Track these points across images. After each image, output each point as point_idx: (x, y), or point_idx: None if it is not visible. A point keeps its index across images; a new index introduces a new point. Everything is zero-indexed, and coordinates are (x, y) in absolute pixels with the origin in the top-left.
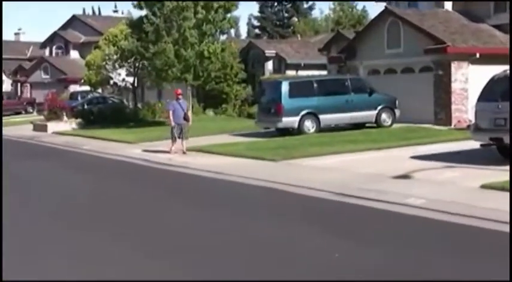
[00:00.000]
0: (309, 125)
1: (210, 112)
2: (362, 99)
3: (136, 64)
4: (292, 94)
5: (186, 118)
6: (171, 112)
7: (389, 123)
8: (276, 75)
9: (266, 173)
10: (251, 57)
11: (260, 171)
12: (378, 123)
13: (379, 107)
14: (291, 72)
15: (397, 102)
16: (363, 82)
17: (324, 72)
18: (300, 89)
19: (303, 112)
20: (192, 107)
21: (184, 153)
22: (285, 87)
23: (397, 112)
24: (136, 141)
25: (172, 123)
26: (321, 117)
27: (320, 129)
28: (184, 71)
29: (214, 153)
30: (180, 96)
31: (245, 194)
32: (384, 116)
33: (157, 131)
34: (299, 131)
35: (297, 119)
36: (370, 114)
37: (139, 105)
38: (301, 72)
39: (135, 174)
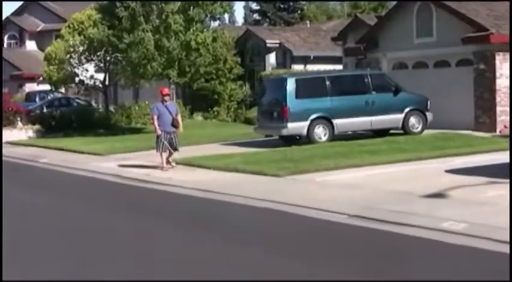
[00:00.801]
0: (321, 132)
1: (198, 116)
2: (386, 100)
3: (108, 58)
4: (299, 94)
5: (174, 124)
6: (155, 117)
7: (420, 129)
8: (280, 71)
9: (268, 191)
10: (249, 48)
11: (261, 189)
12: (405, 130)
13: (407, 110)
14: (298, 67)
15: (428, 103)
16: (386, 79)
17: (339, 67)
18: (309, 87)
19: (313, 116)
20: None
21: (168, 167)
22: (290, 85)
23: (429, 116)
24: (107, 153)
25: (159, 132)
26: (335, 122)
27: (334, 137)
28: (167, 65)
29: (203, 167)
30: (166, 98)
31: (242, 217)
32: (412, 120)
33: (134, 140)
34: (308, 139)
35: (305, 124)
36: (395, 119)
37: (111, 108)
38: (311, 67)
39: (105, 194)
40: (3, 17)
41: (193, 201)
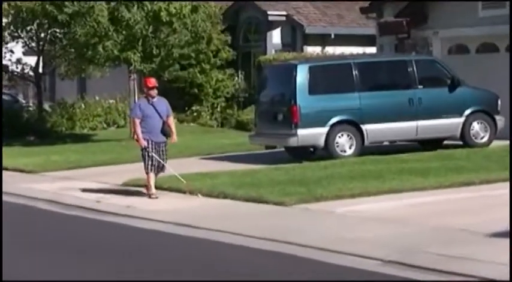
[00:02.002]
0: (345, 143)
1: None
2: (438, 98)
3: (42, 34)
4: (314, 88)
5: (165, 131)
6: (137, 121)
7: (486, 139)
8: (287, 55)
9: (270, 225)
10: (243, 23)
11: (259, 223)
12: (465, 140)
13: (468, 112)
14: (312, 50)
15: (499, 102)
16: (439, 67)
17: (372, 50)
18: (328, 78)
19: (334, 119)
20: None
21: (151, 195)
22: (302, 75)
23: (500, 120)
24: (41, 170)
25: (143, 143)
26: (366, 128)
27: (364, 150)
28: (127, 46)
29: (176, 191)
30: (154, 92)
31: (234, 263)
32: (476, 126)
33: (79, 151)
34: (327, 152)
35: (323, 131)
36: (451, 124)
37: (46, 106)
38: (331, 49)
39: (36, 229)
40: None
41: (163, 240)
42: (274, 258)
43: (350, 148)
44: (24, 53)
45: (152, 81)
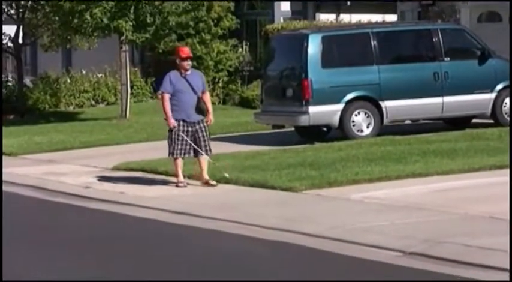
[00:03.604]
0: (362, 122)
1: None
2: (466, 71)
3: (23, 1)
4: (328, 60)
5: (201, 108)
6: (166, 97)
7: None
8: (297, 23)
9: (277, 214)
10: None
11: (265, 212)
12: (497, 118)
13: (500, 87)
14: (325, 17)
15: None
16: (468, 37)
17: (392, 18)
18: (344, 50)
19: (350, 96)
20: (132, 86)
21: (207, 183)
22: (314, 46)
23: None
24: (22, 152)
25: (172, 123)
26: (386, 105)
27: (383, 130)
28: (117, 13)
29: (173, 175)
30: (187, 64)
31: (238, 256)
32: (509, 103)
33: (64, 131)
34: (342, 132)
35: (337, 108)
36: (481, 101)
37: (27, 80)
38: (346, 17)
39: (16, 221)
40: None
41: (159, 230)
42: (281, 250)
43: (367, 127)
44: (2, 22)
45: (186, 51)
